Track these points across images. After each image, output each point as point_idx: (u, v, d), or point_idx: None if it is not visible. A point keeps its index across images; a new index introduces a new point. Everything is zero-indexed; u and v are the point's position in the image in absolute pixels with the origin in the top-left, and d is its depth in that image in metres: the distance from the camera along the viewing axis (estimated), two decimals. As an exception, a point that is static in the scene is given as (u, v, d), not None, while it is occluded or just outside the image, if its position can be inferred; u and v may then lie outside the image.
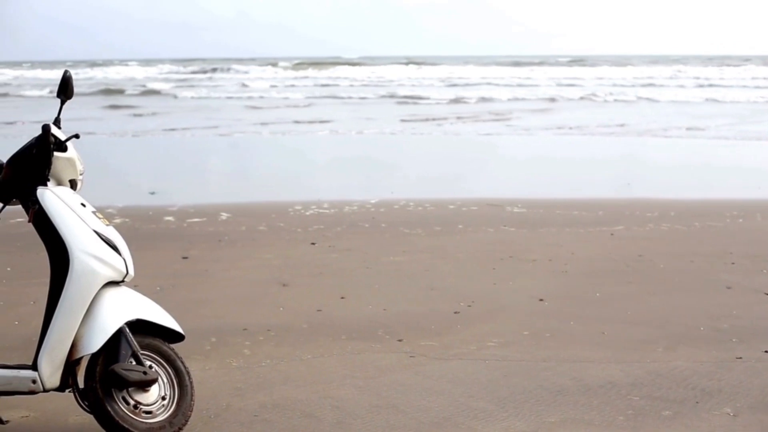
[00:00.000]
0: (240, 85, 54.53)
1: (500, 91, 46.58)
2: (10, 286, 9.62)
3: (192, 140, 25.89)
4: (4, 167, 5.67)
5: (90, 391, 5.40)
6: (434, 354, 7.33)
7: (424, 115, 33.01)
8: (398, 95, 44.78)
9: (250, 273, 10.23)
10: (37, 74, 67.46)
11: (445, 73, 65.03)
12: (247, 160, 22.53)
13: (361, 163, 21.44)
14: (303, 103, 40.23)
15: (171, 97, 44.79)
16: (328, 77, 62.45)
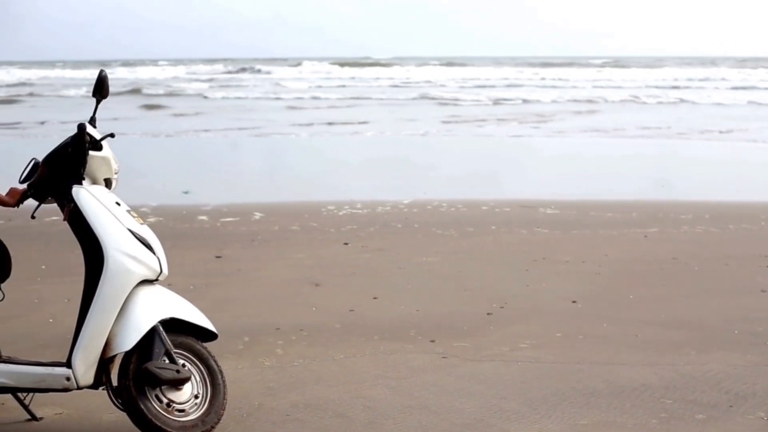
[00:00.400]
0: (274, 86, 54.59)
1: (540, 93, 46.26)
2: (45, 284, 9.68)
3: (226, 140, 25.98)
4: (40, 166, 5.70)
5: (123, 388, 5.43)
6: (466, 355, 7.32)
7: (464, 117, 32.84)
8: (437, 97, 44.62)
9: (283, 272, 10.25)
10: (73, 74, 67.78)
11: (480, 74, 64.77)
12: (280, 160, 22.58)
13: (395, 163, 21.43)
14: (337, 104, 40.23)
15: (205, 98, 44.89)
16: (361, 78, 62.39)
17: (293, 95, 46.14)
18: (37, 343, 7.52)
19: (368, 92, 48.00)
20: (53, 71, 72.75)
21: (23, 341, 7.45)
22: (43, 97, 44.92)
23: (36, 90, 49.44)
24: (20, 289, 7.92)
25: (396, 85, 53.97)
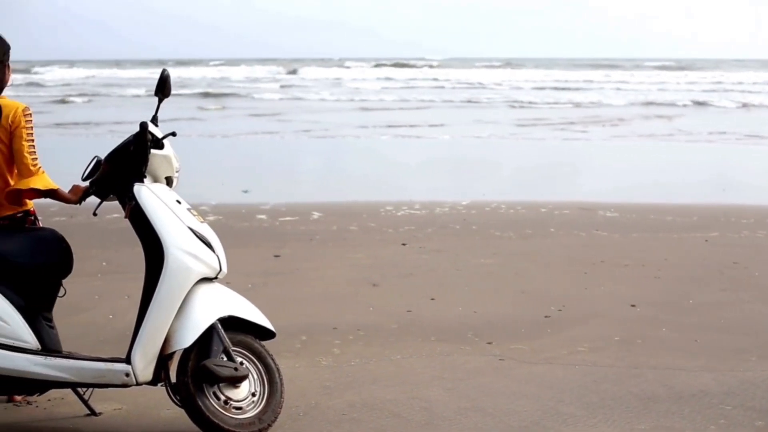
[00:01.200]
0: (334, 86, 54.70)
1: (609, 95, 45.79)
2: (106, 281, 9.77)
3: (286, 140, 26.06)
4: (102, 164, 5.76)
5: (182, 385, 5.47)
6: (524, 358, 7.30)
7: (535, 119, 32.58)
8: (497, 99, 44.41)
9: (341, 272, 10.27)
10: (136, 74, 68.35)
11: (544, 76, 64.41)
12: (340, 161, 22.62)
13: (454, 165, 21.39)
14: (397, 106, 40.24)
15: (263, 98, 45.09)
16: (420, 78, 62.31)
17: (359, 96, 46.18)
18: (97, 339, 7.60)
19: (428, 94, 47.92)
20: (104, 71, 73.33)
21: (84, 337, 7.53)
22: (101, 97, 45.31)
23: (92, 90, 49.84)
24: (81, 286, 8.01)
25: (455, 87, 53.78)
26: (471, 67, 79.47)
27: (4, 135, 5.68)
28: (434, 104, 40.32)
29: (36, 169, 5.68)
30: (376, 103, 40.64)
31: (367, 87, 53.49)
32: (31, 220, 5.92)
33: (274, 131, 28.07)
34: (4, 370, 5.44)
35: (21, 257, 5.59)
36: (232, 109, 37.50)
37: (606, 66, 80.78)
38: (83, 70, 73.79)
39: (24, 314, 5.54)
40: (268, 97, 44.76)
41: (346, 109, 37.29)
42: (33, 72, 66.10)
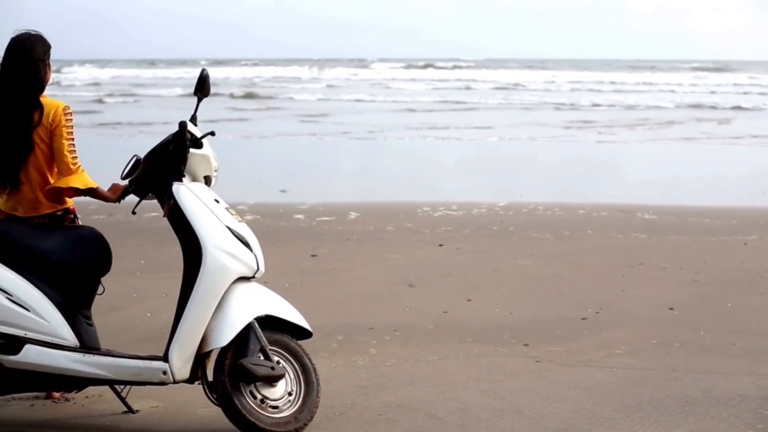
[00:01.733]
0: (373, 87, 54.67)
1: (647, 98, 45.34)
2: (144, 279, 9.82)
3: (324, 141, 26.11)
4: (141, 162, 5.80)
5: (218, 384, 5.49)
6: (560, 360, 7.28)
7: (575, 121, 32.30)
8: (536, 101, 44.22)
9: (378, 272, 10.28)
10: (170, 74, 68.62)
11: (581, 77, 64.05)
12: (377, 161, 22.62)
13: (492, 166, 21.34)
14: (438, 107, 40.20)
15: (300, 99, 45.16)
16: (458, 79, 62.19)
17: (396, 97, 46.13)
18: (134, 337, 7.64)
19: (466, 95, 47.82)
20: (135, 71, 73.63)
21: (122, 335, 7.58)
22: (136, 97, 45.52)
23: (125, 90, 50.04)
24: (120, 284, 8.06)
25: (494, 88, 53.58)
26: (507, 68, 79.08)
27: (45, 134, 5.72)
28: (474, 105, 40.22)
29: (76, 168, 5.72)
30: (416, 105, 40.58)
31: (408, 87, 53.39)
32: (71, 218, 5.96)
33: (312, 131, 28.11)
34: (43, 366, 5.48)
35: (60, 255, 5.63)
36: (269, 110, 37.57)
37: (643, 67, 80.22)
38: (112, 70, 74.11)
39: (63, 312, 5.58)
40: (306, 97, 44.80)
41: (385, 110, 37.26)
42: (61, 72, 66.41)
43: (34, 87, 5.77)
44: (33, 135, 5.71)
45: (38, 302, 5.52)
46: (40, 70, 5.80)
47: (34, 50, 5.78)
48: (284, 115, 34.21)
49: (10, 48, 5.79)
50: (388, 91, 50.71)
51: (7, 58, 5.78)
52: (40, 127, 5.71)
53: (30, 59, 5.76)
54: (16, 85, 5.75)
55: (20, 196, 5.81)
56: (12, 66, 5.77)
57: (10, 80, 5.76)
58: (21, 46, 5.79)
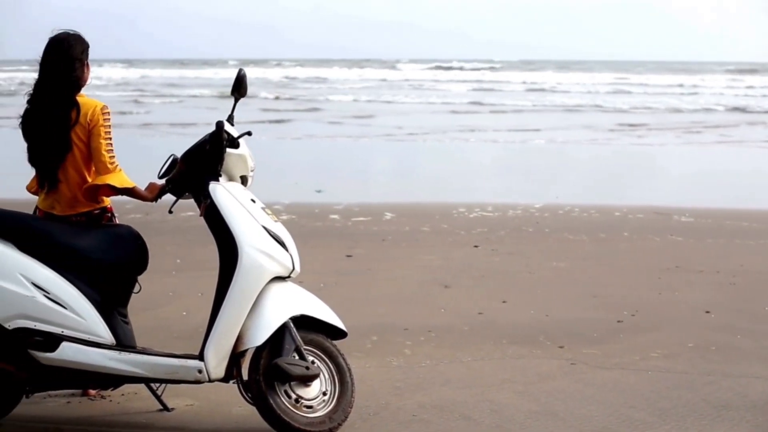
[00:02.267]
0: (409, 88, 54.64)
1: (688, 100, 44.94)
2: (179, 278, 9.87)
3: (361, 141, 26.14)
4: (178, 162, 5.82)
5: (253, 383, 5.51)
6: (596, 362, 7.25)
7: (620, 124, 32.07)
8: (575, 103, 44.01)
9: (413, 273, 10.28)
10: (205, 74, 68.85)
11: (615, 79, 63.67)
12: (414, 162, 22.60)
13: (528, 167, 21.30)
14: (465, 109, 40.14)
15: (337, 100, 45.20)
16: (498, 80, 62.07)
17: (425, 98, 46.09)
18: (170, 335, 7.68)
19: (506, 97, 47.68)
20: (188, 70, 73.89)
21: (157, 333, 7.62)
22: (169, 97, 45.71)
23: (156, 90, 50.25)
24: (156, 282, 8.07)
25: (534, 89, 53.36)
26: (543, 69, 78.70)
27: (83, 133, 5.76)
28: (511, 107, 40.11)
29: (113, 167, 5.75)
30: (452, 106, 40.54)
31: (444, 88, 53.33)
32: (108, 217, 6.00)
33: (348, 132, 28.14)
34: (79, 364, 5.51)
35: (98, 253, 5.66)
36: (304, 111, 37.62)
37: (680, 70, 79.68)
38: (143, 70, 74.41)
39: (100, 310, 5.61)
40: (341, 98, 44.83)
41: (420, 111, 37.23)
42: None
43: (72, 86, 5.81)
44: (71, 134, 5.75)
45: (75, 300, 5.55)
46: (77, 69, 5.83)
47: (72, 49, 5.82)
48: (320, 116, 34.25)
49: (48, 47, 5.84)
50: (422, 92, 50.64)
51: (45, 57, 5.82)
52: (77, 126, 5.75)
53: (68, 58, 5.80)
54: (54, 84, 5.78)
55: (58, 194, 5.85)
56: (50, 65, 5.81)
57: (49, 79, 5.80)
58: (59, 45, 5.83)
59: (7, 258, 5.53)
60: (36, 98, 5.83)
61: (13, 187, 8.80)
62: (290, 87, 53.64)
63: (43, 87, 5.80)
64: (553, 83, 58.87)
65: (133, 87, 51.25)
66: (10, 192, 10.42)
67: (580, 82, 60.35)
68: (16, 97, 36.70)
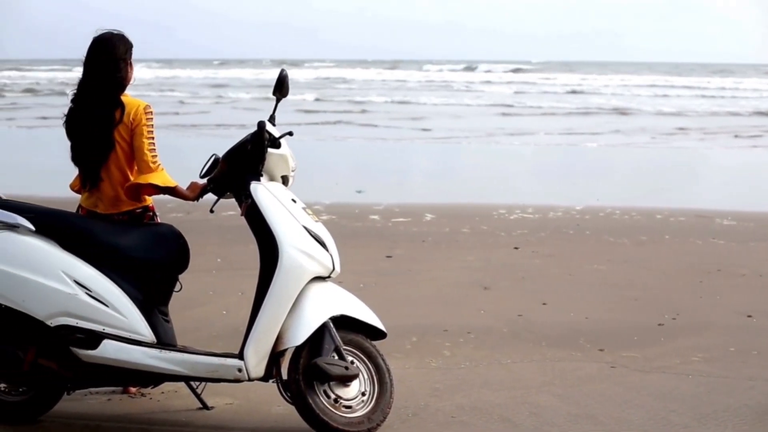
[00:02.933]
0: (460, 90, 54.54)
1: (728, 103, 44.49)
2: (220, 277, 9.91)
3: (403, 142, 26.13)
4: (220, 162, 5.85)
5: (293, 382, 5.53)
6: (636, 366, 7.21)
7: (648, 127, 31.90)
8: (617, 106, 43.79)
9: (453, 274, 10.27)
10: (236, 74, 69.05)
11: (654, 81, 63.20)
12: (455, 163, 22.58)
13: (569, 169, 21.23)
14: (512, 111, 40.04)
15: (377, 101, 45.21)
16: (533, 83, 61.83)
17: (467, 99, 46.02)
18: (210, 334, 7.71)
19: (538, 98, 47.54)
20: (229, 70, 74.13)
21: (198, 331, 7.66)
22: (215, 97, 45.91)
23: (197, 90, 50.47)
24: (197, 281, 8.12)
25: (573, 91, 53.11)
26: (575, 71, 78.02)
27: (126, 132, 5.80)
28: (548, 110, 39.99)
29: (156, 166, 5.79)
30: (496, 108, 40.48)
31: (486, 89, 53.22)
32: (150, 216, 6.04)
33: (388, 134, 28.16)
34: (120, 362, 5.55)
35: (139, 252, 5.70)
36: (346, 112, 37.67)
37: (719, 71, 79.04)
38: (178, 70, 74.80)
39: (141, 308, 5.65)
40: (383, 99, 44.83)
41: (468, 113, 37.21)
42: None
43: (116, 86, 5.85)
44: (114, 133, 5.79)
45: (117, 298, 5.59)
46: (121, 68, 5.87)
47: (115, 49, 5.86)
48: (360, 117, 34.27)
49: (92, 47, 5.88)
50: (462, 93, 50.58)
51: (89, 57, 5.87)
52: (121, 125, 5.79)
53: (112, 58, 5.84)
54: (97, 84, 5.83)
55: (101, 193, 5.89)
56: (94, 65, 5.85)
57: (92, 79, 5.84)
58: (103, 45, 5.87)
59: (49, 256, 5.58)
60: (80, 98, 5.88)
61: (56, 186, 8.87)
62: (330, 88, 53.72)
63: (87, 86, 5.85)
64: (597, 85, 58.51)
65: (169, 87, 51.49)
66: (54, 190, 10.50)
67: (622, 83, 60.05)
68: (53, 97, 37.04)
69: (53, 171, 10.07)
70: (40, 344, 5.63)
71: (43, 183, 14.58)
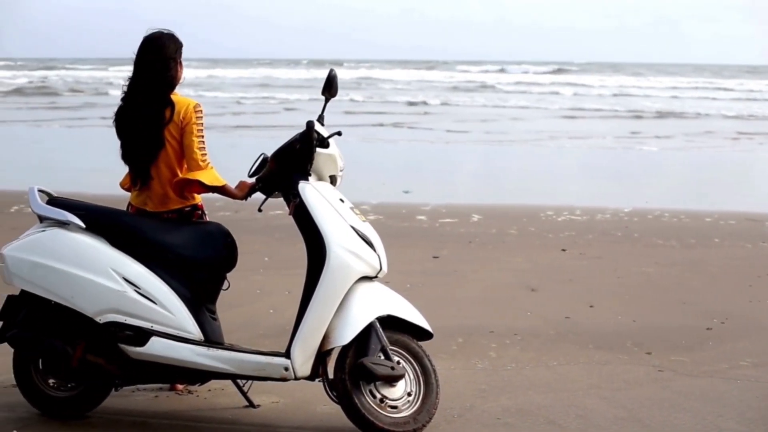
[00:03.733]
0: (507, 91, 54.41)
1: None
2: (267, 276, 9.94)
3: (449, 144, 26.11)
4: (268, 161, 5.87)
5: (339, 382, 5.54)
6: (683, 370, 7.16)
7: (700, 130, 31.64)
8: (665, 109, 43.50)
9: (499, 276, 10.25)
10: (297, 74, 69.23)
11: (706, 83, 62.64)
12: (503, 164, 22.51)
13: (618, 171, 21.10)
14: (562, 114, 39.87)
15: (428, 102, 45.18)
16: (583, 85, 61.51)
17: (515, 101, 45.91)
18: (257, 333, 7.74)
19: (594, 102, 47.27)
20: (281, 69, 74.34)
21: (244, 330, 7.69)
22: (264, 98, 46.05)
23: (257, 92, 50.64)
24: (244, 280, 8.15)
25: (618, 94, 52.75)
26: (620, 72, 77.41)
27: (176, 131, 5.83)
28: (605, 113, 39.78)
29: (205, 165, 5.82)
30: (542, 111, 40.35)
31: (535, 91, 53.05)
32: (199, 214, 6.07)
33: (437, 134, 28.14)
34: (168, 359, 5.59)
35: (188, 250, 5.74)
36: (392, 113, 37.70)
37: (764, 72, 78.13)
38: (222, 70, 75.09)
39: (189, 305, 5.68)
40: (431, 100, 44.82)
41: (516, 114, 37.12)
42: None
43: (166, 84, 5.89)
44: (164, 132, 5.83)
45: (165, 296, 5.63)
46: (171, 68, 5.91)
47: (165, 48, 5.90)
48: (408, 118, 34.27)
49: (142, 46, 5.93)
50: (510, 94, 50.45)
51: (139, 56, 5.91)
52: (171, 124, 5.83)
53: (162, 57, 5.88)
54: (148, 83, 5.87)
55: (150, 191, 5.94)
56: (144, 64, 5.89)
57: (143, 78, 5.89)
58: (153, 44, 5.91)
59: (99, 253, 5.63)
60: (130, 96, 5.93)
61: (106, 184, 8.95)
62: (378, 88, 53.74)
63: (137, 85, 5.90)
64: (644, 87, 58.11)
65: (214, 87, 51.74)
66: (104, 188, 10.59)
67: (670, 85, 59.55)
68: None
69: (103, 169, 10.15)
70: (88, 340, 5.68)
71: (93, 181, 14.71)
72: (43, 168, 19.00)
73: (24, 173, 17.86)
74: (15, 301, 5.83)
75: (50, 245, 5.66)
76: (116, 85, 44.94)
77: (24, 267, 5.67)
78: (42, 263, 5.63)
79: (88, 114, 32.36)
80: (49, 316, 5.71)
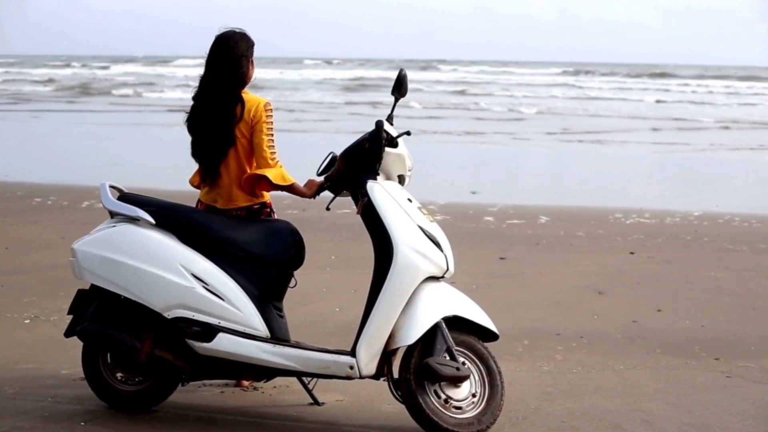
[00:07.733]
0: (577, 89, 54.15)
1: None
2: (334, 274, 9.97)
3: (519, 144, 26.04)
4: (337, 160, 5.89)
5: (404, 381, 5.54)
6: (752, 376, 7.07)
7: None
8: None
9: (566, 278, 10.19)
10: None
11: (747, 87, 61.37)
12: (573, 166, 22.40)
13: (691, 175, 20.90)
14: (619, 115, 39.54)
15: (495, 101, 45.07)
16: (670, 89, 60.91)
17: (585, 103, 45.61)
18: (323, 331, 7.77)
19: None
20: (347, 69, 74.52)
21: (311, 328, 7.73)
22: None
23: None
24: (311, 278, 8.19)
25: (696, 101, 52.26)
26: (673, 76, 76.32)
27: (246, 129, 5.88)
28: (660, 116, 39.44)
29: (274, 163, 5.86)
30: (606, 112, 40.06)
31: (596, 92, 52.68)
32: (267, 212, 6.11)
33: (506, 136, 28.07)
34: (235, 355, 5.63)
35: (256, 247, 5.78)
36: (464, 110, 37.67)
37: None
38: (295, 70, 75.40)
39: (256, 303, 5.72)
40: (496, 100, 44.70)
41: (584, 114, 36.91)
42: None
43: (237, 83, 5.94)
44: (234, 129, 5.88)
45: (232, 292, 5.68)
46: (242, 66, 5.96)
47: (237, 47, 5.95)
48: (475, 117, 34.22)
49: (214, 45, 5.98)
50: (572, 92, 50.17)
51: (211, 54, 5.97)
52: (241, 122, 5.87)
53: (233, 56, 5.93)
54: (219, 81, 5.92)
55: (220, 188, 5.99)
56: (216, 62, 5.95)
57: (214, 76, 5.94)
58: (225, 43, 5.97)
59: (168, 249, 5.69)
60: (201, 94, 5.98)
61: (176, 180, 9.04)
62: (445, 88, 53.69)
63: (209, 83, 5.95)
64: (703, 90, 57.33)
65: (293, 86, 52.02)
66: (174, 185, 10.71)
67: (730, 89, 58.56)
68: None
69: (173, 166, 10.25)
70: (156, 335, 5.74)
71: (164, 177, 14.86)
72: (114, 164, 19.23)
73: (95, 170, 18.06)
74: (85, 295, 5.92)
75: (120, 241, 5.73)
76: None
77: (94, 262, 5.75)
78: (112, 258, 5.70)
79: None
80: (118, 310, 5.79)
